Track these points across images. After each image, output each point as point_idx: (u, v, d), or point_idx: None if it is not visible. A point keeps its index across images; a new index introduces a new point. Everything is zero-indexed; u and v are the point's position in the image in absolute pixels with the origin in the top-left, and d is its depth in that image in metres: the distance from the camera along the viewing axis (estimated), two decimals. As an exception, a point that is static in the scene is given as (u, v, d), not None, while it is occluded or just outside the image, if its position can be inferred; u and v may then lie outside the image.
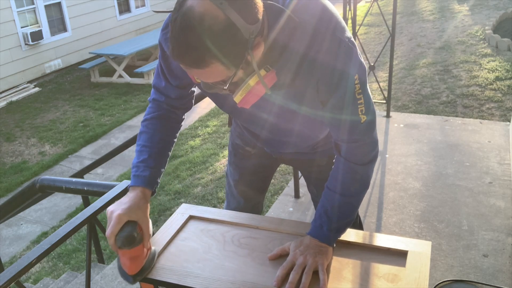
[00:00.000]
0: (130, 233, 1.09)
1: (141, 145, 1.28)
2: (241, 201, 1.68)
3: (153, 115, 1.30)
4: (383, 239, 1.23)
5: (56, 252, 3.79)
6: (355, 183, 1.19)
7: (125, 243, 1.09)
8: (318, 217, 1.20)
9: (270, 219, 1.39)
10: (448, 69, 5.44)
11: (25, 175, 5.38)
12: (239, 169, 1.61)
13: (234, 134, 1.57)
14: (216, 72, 0.93)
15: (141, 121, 1.32)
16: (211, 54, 0.88)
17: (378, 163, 3.18)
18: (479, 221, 2.52)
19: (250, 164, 1.58)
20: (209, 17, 0.86)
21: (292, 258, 1.14)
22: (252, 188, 1.65)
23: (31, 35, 7.91)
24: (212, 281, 1.13)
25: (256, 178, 1.64)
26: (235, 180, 1.64)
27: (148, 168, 1.23)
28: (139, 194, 1.17)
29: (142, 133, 1.29)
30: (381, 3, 9.15)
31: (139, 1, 10.43)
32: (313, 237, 1.18)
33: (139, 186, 1.19)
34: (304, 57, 1.03)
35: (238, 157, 1.59)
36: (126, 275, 1.14)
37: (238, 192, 1.66)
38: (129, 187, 1.21)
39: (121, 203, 1.13)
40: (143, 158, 1.25)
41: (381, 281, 1.10)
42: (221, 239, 1.31)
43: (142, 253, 1.14)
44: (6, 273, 1.32)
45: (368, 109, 1.13)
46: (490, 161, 3.08)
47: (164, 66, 1.25)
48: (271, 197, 3.51)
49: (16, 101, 7.68)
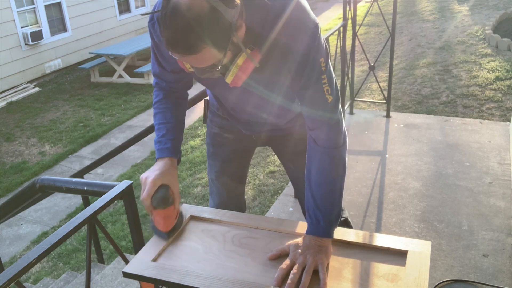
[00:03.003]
0: (164, 194, 1.23)
1: (158, 124, 1.40)
2: (224, 194, 1.74)
3: (160, 97, 1.43)
4: (383, 239, 1.23)
5: (56, 252, 3.79)
6: (335, 167, 1.25)
7: (160, 204, 1.22)
8: (312, 214, 1.23)
9: (270, 219, 1.39)
10: (448, 69, 5.45)
11: (25, 175, 5.38)
12: (219, 157, 1.69)
13: (211, 125, 1.66)
14: (207, 56, 1.02)
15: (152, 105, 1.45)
16: (201, 39, 0.98)
17: (378, 163, 3.18)
18: (479, 221, 2.52)
19: (229, 150, 1.67)
20: (195, 7, 0.96)
21: (292, 258, 1.16)
22: (232, 177, 1.73)
23: (31, 35, 7.91)
24: (212, 281, 1.13)
25: (236, 165, 1.72)
26: (216, 172, 1.71)
27: (169, 140, 1.35)
28: (167, 161, 1.31)
29: (156, 114, 1.42)
30: (381, 3, 9.15)
31: (139, 1, 10.43)
32: (313, 235, 1.20)
33: (166, 156, 1.32)
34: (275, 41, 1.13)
35: (216, 146, 1.68)
36: (161, 232, 1.29)
37: (220, 184, 1.73)
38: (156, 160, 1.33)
39: (153, 170, 1.26)
40: (162, 133, 1.37)
41: (381, 281, 1.10)
42: (221, 239, 1.31)
43: (174, 213, 1.29)
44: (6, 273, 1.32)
45: (333, 89, 1.22)
46: (490, 161, 3.08)
47: (157, 53, 1.35)
48: (271, 197, 3.51)
49: (16, 101, 7.68)
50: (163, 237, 1.30)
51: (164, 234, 1.29)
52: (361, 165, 3.18)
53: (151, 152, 5.46)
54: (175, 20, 0.97)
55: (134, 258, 1.24)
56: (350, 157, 3.30)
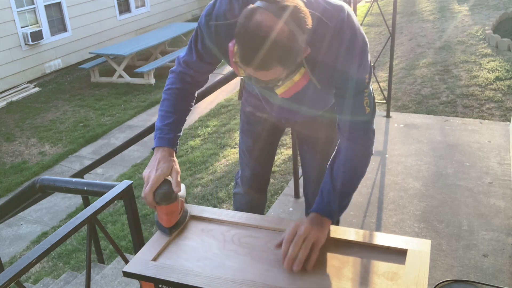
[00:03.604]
0: (167, 190, 1.24)
1: (165, 111, 1.42)
2: (257, 167, 1.87)
3: (176, 85, 1.46)
4: (383, 238, 1.24)
5: (56, 252, 3.79)
6: (362, 165, 1.35)
7: (163, 199, 1.24)
8: (326, 196, 1.29)
9: (269, 219, 1.39)
10: (448, 69, 5.45)
11: (25, 175, 5.38)
12: (253, 134, 1.80)
13: (246, 104, 1.77)
14: (275, 73, 1.11)
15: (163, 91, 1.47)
16: (276, 60, 1.06)
17: (378, 163, 3.18)
18: (479, 221, 2.52)
19: (262, 128, 1.78)
20: (276, 30, 1.04)
21: (294, 229, 1.20)
22: (263, 152, 1.85)
23: (31, 35, 7.91)
24: (212, 280, 1.13)
25: (268, 142, 1.84)
26: (249, 147, 1.83)
27: (172, 131, 1.38)
28: (167, 153, 1.32)
29: (165, 100, 1.44)
30: (381, 3, 9.16)
31: (139, 1, 10.43)
32: (320, 214, 1.26)
33: (165, 146, 1.34)
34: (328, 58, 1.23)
35: (250, 124, 1.79)
36: (164, 228, 1.31)
37: (253, 158, 1.85)
38: (153, 148, 1.36)
39: (154, 166, 1.28)
40: (168, 122, 1.39)
41: (380, 279, 1.10)
42: (221, 239, 1.31)
43: (177, 209, 1.30)
44: (6, 273, 1.32)
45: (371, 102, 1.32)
46: (490, 161, 3.08)
47: (200, 46, 1.39)
48: (271, 197, 3.51)
49: (16, 101, 7.68)
50: (166, 232, 1.31)
51: (167, 230, 1.31)
52: (361, 165, 3.18)
53: (151, 152, 5.46)
54: (255, 39, 1.04)
55: (134, 258, 1.24)
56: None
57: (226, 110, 6.17)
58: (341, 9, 1.23)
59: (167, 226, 1.30)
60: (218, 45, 1.34)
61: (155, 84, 7.85)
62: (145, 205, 4.16)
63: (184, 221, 1.36)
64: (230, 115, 5.87)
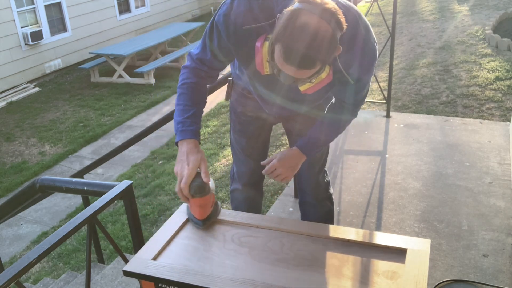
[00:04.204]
0: (201, 183, 1.28)
1: (183, 104, 1.46)
2: (251, 164, 1.91)
3: (192, 79, 1.49)
4: (383, 237, 1.24)
5: (56, 252, 3.79)
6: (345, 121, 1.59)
7: (197, 191, 1.28)
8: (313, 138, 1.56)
9: (269, 218, 1.39)
10: (448, 69, 5.45)
11: (25, 175, 5.38)
12: (245, 134, 1.85)
13: (236, 104, 1.80)
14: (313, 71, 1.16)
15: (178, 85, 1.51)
16: (320, 60, 1.13)
17: (378, 163, 3.18)
18: (479, 221, 2.52)
19: (254, 127, 1.83)
20: (322, 31, 1.10)
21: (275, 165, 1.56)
22: (257, 150, 1.91)
23: (31, 35, 7.90)
24: (212, 279, 1.13)
25: (260, 140, 1.91)
26: (243, 146, 1.88)
27: (194, 123, 1.42)
28: (192, 145, 1.36)
29: (182, 94, 1.48)
30: (381, 3, 9.16)
31: (139, 1, 10.43)
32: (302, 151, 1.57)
33: (190, 138, 1.37)
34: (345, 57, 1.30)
35: (242, 124, 1.83)
36: (197, 220, 1.35)
37: (248, 156, 1.90)
38: (177, 142, 1.39)
39: (183, 160, 1.32)
40: (188, 115, 1.43)
41: (380, 278, 1.11)
42: (221, 238, 1.31)
43: (209, 202, 1.35)
44: (6, 273, 1.32)
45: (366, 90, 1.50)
46: (490, 161, 3.08)
47: (216, 44, 1.41)
48: (271, 197, 3.51)
49: (16, 101, 7.68)
50: (199, 225, 1.35)
51: (200, 222, 1.34)
52: (361, 165, 3.18)
53: (151, 152, 5.47)
54: (303, 39, 1.08)
55: (135, 257, 1.24)
56: (350, 157, 3.30)
57: (226, 110, 6.17)
58: (351, 7, 1.31)
59: (200, 219, 1.33)
60: (236, 45, 1.36)
61: (155, 84, 7.85)
62: (145, 205, 4.16)
63: (216, 214, 1.39)
64: (227, 116, 5.86)
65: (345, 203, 2.78)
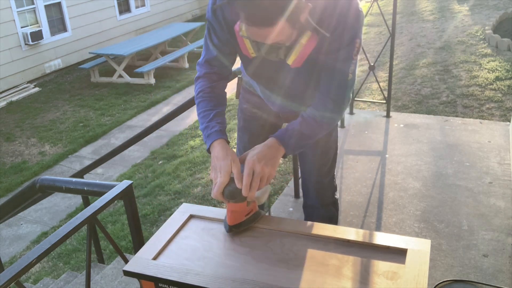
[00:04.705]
0: (234, 189, 1.26)
1: (203, 111, 1.46)
2: None
3: (205, 86, 1.50)
4: (383, 238, 1.24)
5: (56, 252, 3.79)
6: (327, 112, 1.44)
7: (228, 196, 1.27)
8: (291, 130, 1.41)
9: (270, 218, 1.39)
10: (448, 69, 5.45)
11: (25, 175, 5.38)
12: (248, 131, 1.83)
13: (243, 101, 1.80)
14: (280, 30, 1.12)
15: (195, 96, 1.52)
16: (280, 12, 1.09)
17: (378, 163, 3.18)
18: (479, 221, 2.52)
19: (257, 125, 1.81)
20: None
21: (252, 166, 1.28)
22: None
23: (31, 35, 7.91)
24: (213, 279, 1.13)
25: (263, 139, 1.87)
26: (245, 143, 1.85)
27: (218, 124, 1.41)
28: (223, 146, 1.35)
29: (200, 102, 1.48)
30: (381, 3, 9.16)
31: (139, 1, 10.43)
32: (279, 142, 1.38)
33: (219, 138, 1.37)
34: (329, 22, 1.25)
35: (246, 121, 1.82)
36: (226, 223, 1.33)
37: None
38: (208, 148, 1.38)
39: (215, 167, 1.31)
40: (209, 119, 1.43)
41: (380, 279, 1.10)
42: (221, 238, 1.31)
43: (242, 210, 1.31)
44: (6, 273, 1.32)
45: (354, 73, 1.36)
46: (490, 161, 3.08)
47: (215, 39, 1.42)
48: (271, 197, 3.51)
49: (16, 101, 7.68)
50: (226, 228, 1.34)
51: (227, 227, 1.32)
52: (361, 165, 3.18)
53: (151, 152, 5.47)
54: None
55: (135, 257, 1.24)
56: (350, 157, 3.30)
57: (226, 110, 6.17)
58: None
59: (229, 224, 1.32)
60: (229, 31, 1.37)
61: (155, 84, 7.85)
62: (145, 205, 4.16)
63: (250, 223, 1.35)
64: (230, 115, 5.86)
65: (345, 203, 2.78)
